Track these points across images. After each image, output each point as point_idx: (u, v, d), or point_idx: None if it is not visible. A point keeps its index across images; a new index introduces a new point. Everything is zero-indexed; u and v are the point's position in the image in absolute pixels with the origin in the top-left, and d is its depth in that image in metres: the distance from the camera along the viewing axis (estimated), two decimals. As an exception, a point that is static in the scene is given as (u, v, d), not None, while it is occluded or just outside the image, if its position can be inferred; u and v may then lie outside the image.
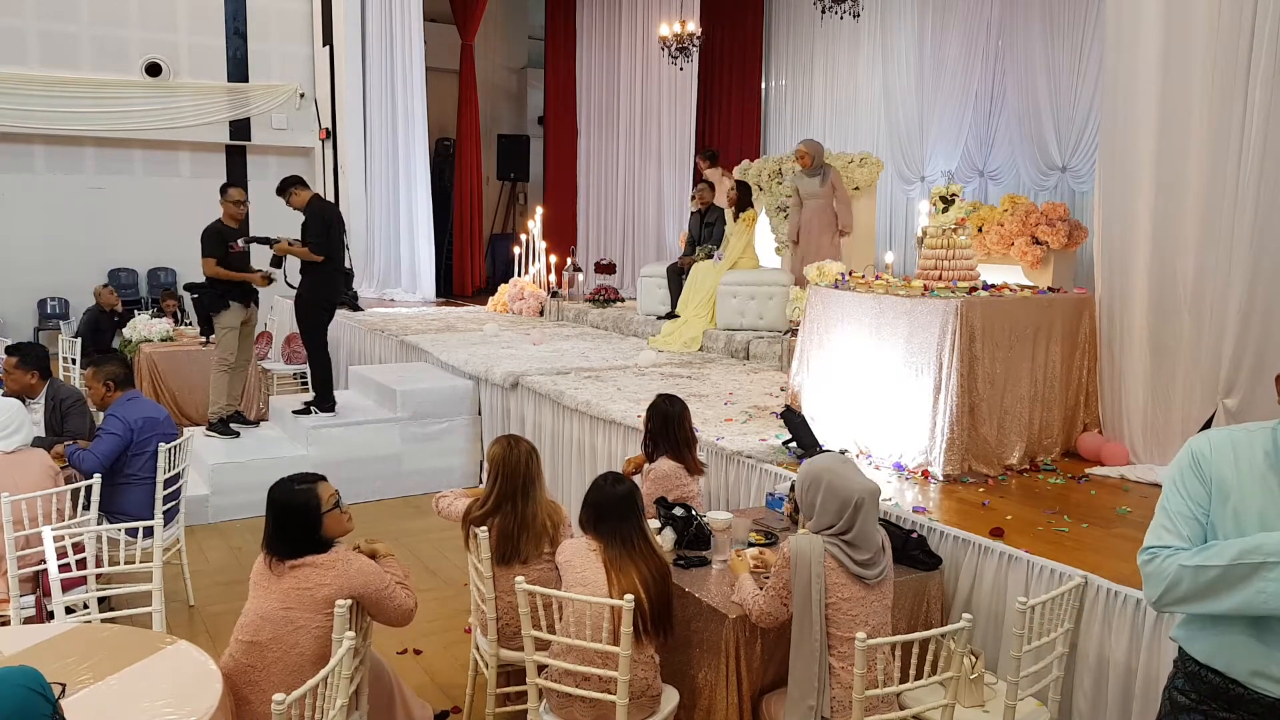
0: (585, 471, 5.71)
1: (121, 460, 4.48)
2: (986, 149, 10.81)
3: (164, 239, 12.42)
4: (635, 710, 2.88)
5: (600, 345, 8.28)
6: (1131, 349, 4.65)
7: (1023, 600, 2.76)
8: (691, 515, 3.60)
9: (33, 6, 11.44)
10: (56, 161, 11.97)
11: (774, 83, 13.91)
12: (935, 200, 4.97)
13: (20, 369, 4.89)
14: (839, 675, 2.80)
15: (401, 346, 8.56)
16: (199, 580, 4.97)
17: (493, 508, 3.41)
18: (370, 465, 6.65)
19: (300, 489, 2.86)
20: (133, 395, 4.68)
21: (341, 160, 12.52)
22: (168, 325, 8.65)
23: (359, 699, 2.87)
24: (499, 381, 6.71)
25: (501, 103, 15.42)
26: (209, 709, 2.35)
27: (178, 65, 12.22)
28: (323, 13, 12.61)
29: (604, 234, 13.77)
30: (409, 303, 11.75)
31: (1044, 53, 9.94)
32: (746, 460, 4.58)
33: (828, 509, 2.86)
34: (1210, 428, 4.31)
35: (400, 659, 4.15)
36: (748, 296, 8.03)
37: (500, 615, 3.33)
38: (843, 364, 4.91)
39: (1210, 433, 2.06)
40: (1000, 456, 4.56)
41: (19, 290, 11.75)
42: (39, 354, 5.04)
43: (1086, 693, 3.13)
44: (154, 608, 3.26)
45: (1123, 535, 3.65)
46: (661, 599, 2.94)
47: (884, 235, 11.40)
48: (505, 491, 3.40)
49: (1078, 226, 8.18)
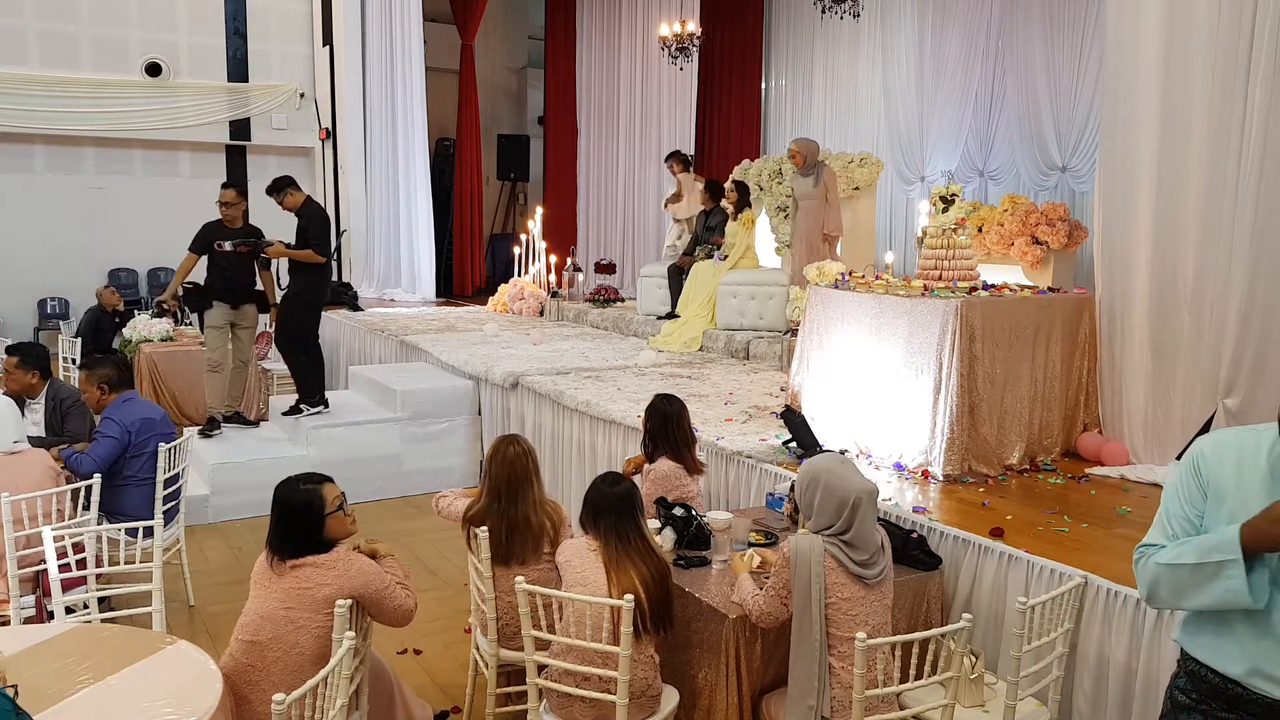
0: (585, 471, 5.71)
1: (120, 462, 4.47)
2: (986, 149, 10.81)
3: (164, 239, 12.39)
4: (635, 710, 2.88)
5: (600, 345, 8.28)
6: (1131, 349, 4.65)
7: (1023, 600, 2.76)
8: (691, 515, 3.60)
9: (33, 6, 11.43)
10: (56, 161, 11.96)
11: (774, 83, 13.91)
12: (935, 200, 4.97)
13: (21, 369, 4.89)
14: (839, 675, 2.80)
15: (401, 346, 8.55)
16: (199, 580, 4.97)
17: (483, 508, 3.41)
18: (370, 465, 6.65)
19: (305, 489, 2.86)
20: (128, 397, 4.67)
21: (341, 160, 12.53)
22: (168, 325, 8.64)
23: (359, 699, 2.87)
24: (499, 381, 6.71)
25: (501, 103, 15.42)
26: (209, 709, 2.34)
27: (178, 65, 12.22)
28: (323, 13, 12.62)
29: (604, 234, 13.77)
30: (409, 303, 11.75)
31: (1044, 53, 9.94)
32: (746, 460, 4.58)
33: (826, 509, 2.86)
34: (1210, 428, 4.32)
35: (400, 659, 4.15)
36: (748, 296, 8.03)
37: (500, 615, 3.33)
38: (843, 364, 4.91)
39: (1219, 433, 2.06)
40: (1000, 456, 4.56)
41: (19, 290, 11.75)
42: (39, 354, 5.04)
43: (1086, 693, 3.13)
44: (154, 608, 3.26)
45: (1123, 535, 3.64)
46: (661, 596, 2.95)
47: (884, 235, 11.41)
48: (495, 491, 3.40)
49: (1078, 226, 8.18)
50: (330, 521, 2.86)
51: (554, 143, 13.86)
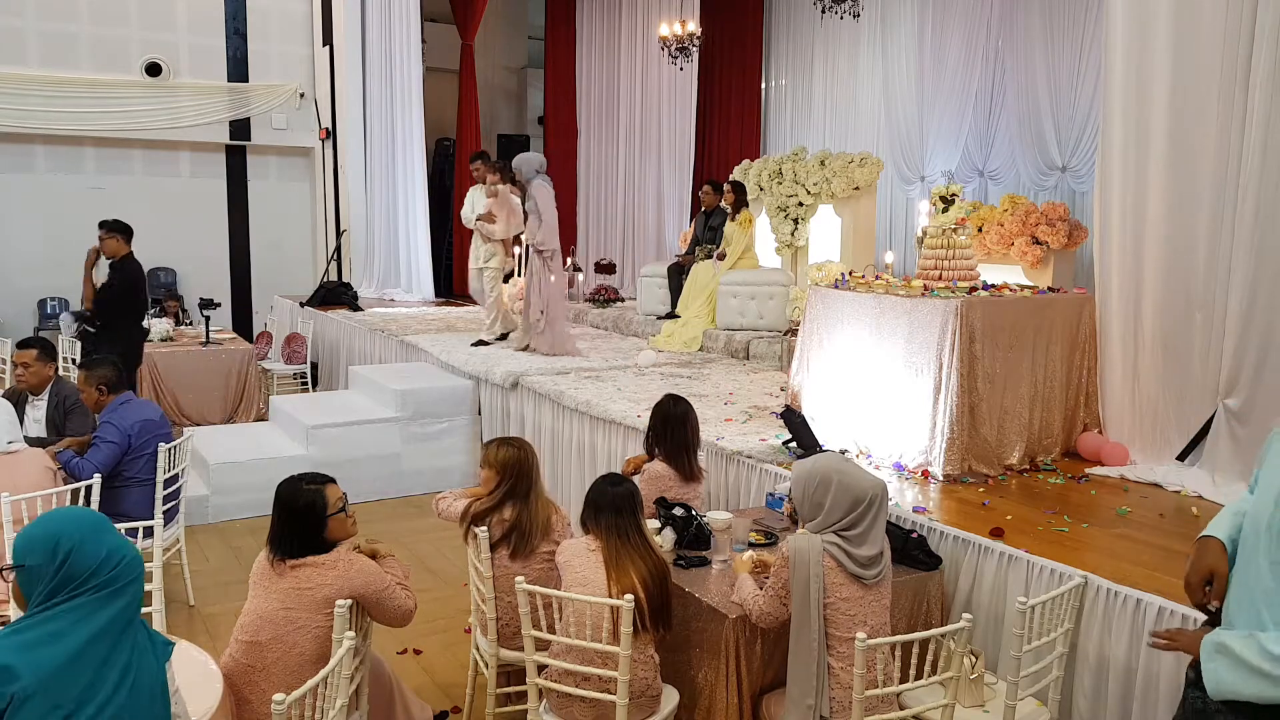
0: (585, 471, 5.71)
1: (120, 464, 4.46)
2: (986, 149, 10.81)
3: (164, 239, 12.39)
4: (635, 710, 2.88)
5: (600, 345, 8.28)
6: (1132, 349, 4.65)
7: (1023, 600, 2.76)
8: (691, 515, 3.61)
9: (33, 6, 11.42)
10: (56, 161, 11.95)
11: (774, 83, 13.90)
12: (935, 200, 4.97)
13: (41, 361, 4.85)
14: (838, 675, 2.80)
15: (401, 346, 8.55)
16: (199, 580, 4.97)
17: (492, 506, 3.42)
18: (370, 465, 6.65)
19: (308, 489, 2.86)
20: (126, 398, 4.65)
21: (341, 160, 12.52)
22: (168, 325, 8.64)
23: (359, 699, 2.87)
24: (499, 381, 6.70)
25: (501, 103, 15.41)
26: (209, 709, 2.34)
27: (178, 65, 12.21)
28: (323, 13, 12.61)
29: (604, 234, 13.76)
30: (408, 303, 11.74)
31: (1044, 53, 9.94)
32: (746, 460, 4.58)
33: (839, 506, 2.85)
34: (1210, 428, 4.32)
35: (400, 659, 4.15)
36: (748, 296, 8.03)
37: (500, 615, 3.34)
38: (843, 364, 4.91)
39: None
40: (1000, 456, 4.56)
41: (19, 290, 11.73)
42: (53, 347, 5.05)
43: (1086, 693, 3.14)
44: (154, 608, 3.26)
45: (1123, 535, 3.65)
46: (660, 593, 2.95)
47: (884, 235, 11.40)
48: (520, 490, 3.44)
49: (1078, 226, 8.18)
50: (332, 523, 2.86)
51: (554, 143, 13.85)
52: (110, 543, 1.94)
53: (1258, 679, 1.86)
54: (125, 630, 1.92)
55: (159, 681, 1.95)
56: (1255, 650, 1.87)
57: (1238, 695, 1.90)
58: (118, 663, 1.88)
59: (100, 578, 1.89)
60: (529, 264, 7.51)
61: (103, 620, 1.88)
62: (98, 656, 1.86)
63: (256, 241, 13.01)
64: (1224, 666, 1.93)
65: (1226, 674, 1.92)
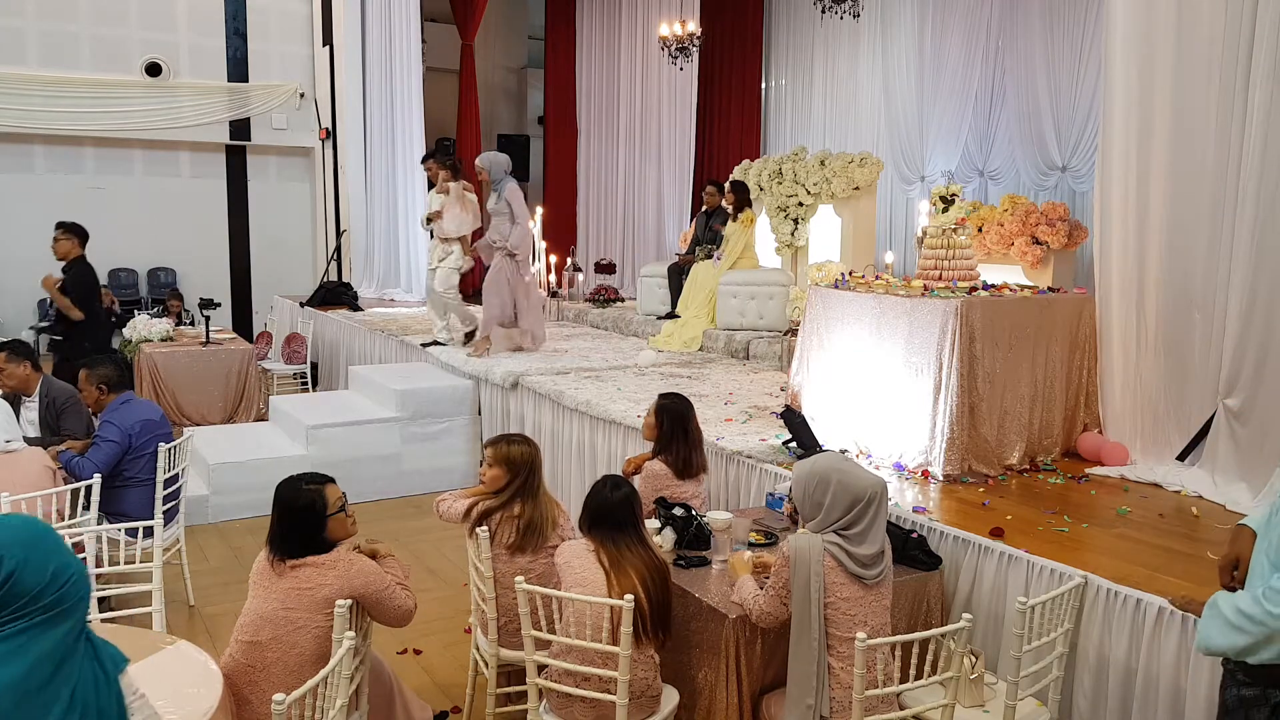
0: (585, 471, 5.71)
1: (120, 463, 4.46)
2: (986, 149, 10.80)
3: (164, 239, 12.41)
4: (635, 710, 2.88)
5: (600, 345, 8.28)
6: (1132, 349, 4.65)
7: (1023, 600, 2.76)
8: (691, 515, 3.60)
9: (33, 6, 11.43)
10: (56, 161, 11.95)
11: (774, 83, 13.90)
12: (935, 200, 4.97)
13: (12, 361, 4.79)
14: (838, 675, 2.80)
15: (401, 346, 8.55)
16: (199, 580, 4.97)
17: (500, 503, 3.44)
18: (370, 465, 6.65)
19: (308, 489, 2.86)
20: (127, 398, 4.65)
21: (341, 160, 12.52)
22: (168, 325, 8.64)
23: (359, 699, 2.87)
24: (499, 381, 6.71)
25: (501, 103, 15.41)
26: (209, 709, 2.34)
27: (178, 65, 12.21)
28: (323, 13, 12.61)
29: (604, 234, 13.76)
30: (409, 303, 11.73)
31: (1044, 53, 9.93)
32: (746, 460, 4.58)
33: (838, 505, 2.86)
34: (1210, 428, 4.32)
35: (400, 659, 4.15)
36: (748, 296, 8.03)
37: (501, 615, 3.34)
38: (843, 364, 4.91)
39: None
40: (1000, 456, 4.56)
41: (18, 290, 11.73)
42: (26, 347, 4.97)
43: (1086, 693, 3.14)
44: (154, 608, 3.26)
45: (1123, 535, 3.65)
46: (660, 602, 2.95)
47: (884, 235, 11.39)
48: (530, 486, 3.46)
49: (1078, 226, 8.18)
50: (331, 523, 2.86)
51: (554, 143, 13.85)
52: (56, 561, 1.76)
53: (1230, 631, 2.05)
54: (72, 651, 1.76)
55: (111, 698, 1.81)
56: (1231, 607, 2.07)
57: (1214, 646, 2.09)
58: (64, 687, 1.73)
59: (45, 599, 1.71)
60: (495, 266, 7.38)
61: (47, 644, 1.71)
62: (42, 680, 1.70)
63: (256, 241, 13.01)
64: (1208, 621, 2.13)
65: (1207, 627, 2.12)
